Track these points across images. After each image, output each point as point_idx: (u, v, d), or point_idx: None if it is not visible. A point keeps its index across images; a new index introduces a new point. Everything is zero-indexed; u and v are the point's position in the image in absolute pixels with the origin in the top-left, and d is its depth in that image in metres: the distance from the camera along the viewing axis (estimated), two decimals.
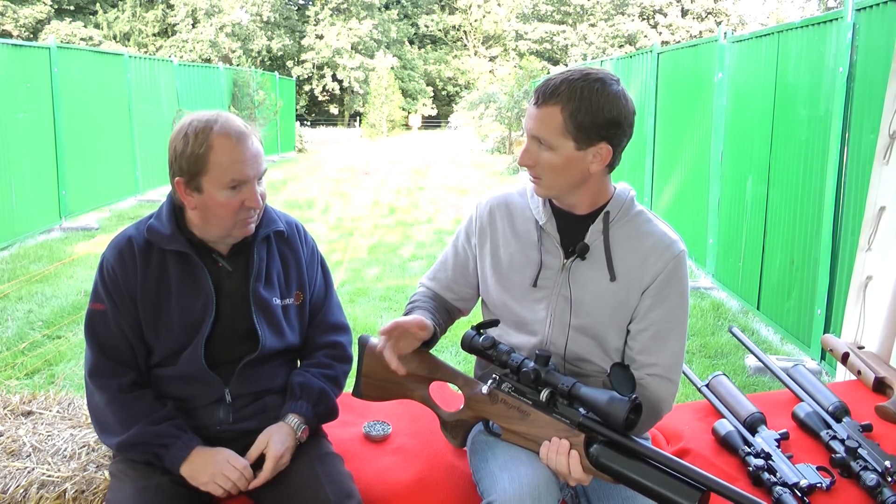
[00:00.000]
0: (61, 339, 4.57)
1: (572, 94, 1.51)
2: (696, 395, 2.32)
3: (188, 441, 1.61)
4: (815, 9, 31.26)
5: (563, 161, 1.55)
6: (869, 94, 3.84)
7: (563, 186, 1.61)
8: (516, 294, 1.70)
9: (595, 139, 1.54)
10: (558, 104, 1.52)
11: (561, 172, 1.57)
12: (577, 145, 1.54)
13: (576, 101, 1.51)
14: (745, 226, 5.45)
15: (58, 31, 30.74)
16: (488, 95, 19.87)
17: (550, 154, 1.56)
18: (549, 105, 1.53)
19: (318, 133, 29.07)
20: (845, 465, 1.82)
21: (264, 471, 1.61)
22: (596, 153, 1.56)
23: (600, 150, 1.55)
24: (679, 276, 1.63)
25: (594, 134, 1.53)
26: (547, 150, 1.56)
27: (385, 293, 5.89)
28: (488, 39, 40.39)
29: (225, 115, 1.65)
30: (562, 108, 1.52)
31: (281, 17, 35.33)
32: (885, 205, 2.60)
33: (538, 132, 1.55)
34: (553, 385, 1.50)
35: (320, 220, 9.35)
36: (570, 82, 1.52)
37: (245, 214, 1.65)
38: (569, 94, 1.51)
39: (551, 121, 1.53)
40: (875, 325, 2.55)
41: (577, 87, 1.51)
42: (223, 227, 1.66)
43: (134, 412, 1.62)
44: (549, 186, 1.61)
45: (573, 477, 1.45)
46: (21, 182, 7.58)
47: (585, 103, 1.51)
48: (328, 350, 1.83)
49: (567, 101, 1.51)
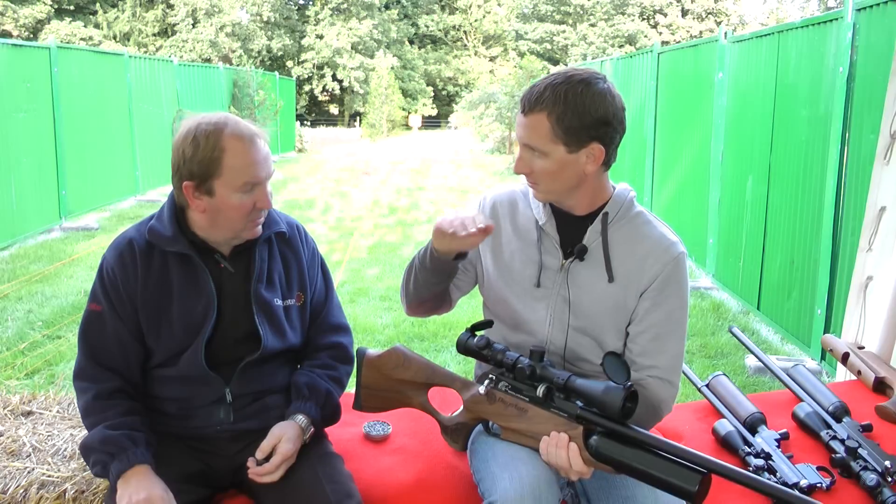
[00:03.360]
0: (61, 339, 4.56)
1: (556, 99, 1.51)
2: (696, 395, 2.32)
3: (134, 456, 1.54)
4: (816, 9, 31.27)
5: (556, 166, 1.56)
6: (869, 94, 3.84)
7: (560, 190, 1.61)
8: (517, 292, 1.70)
9: (585, 140, 1.54)
10: (544, 110, 1.52)
11: (556, 177, 1.58)
12: (568, 149, 1.54)
13: (561, 105, 1.51)
14: (746, 226, 5.45)
15: (58, 31, 30.74)
16: (488, 95, 19.87)
17: (543, 161, 1.56)
18: (536, 112, 1.53)
19: (318, 133, 29.06)
20: (845, 465, 1.82)
21: (270, 464, 1.60)
22: (588, 154, 1.56)
23: (592, 150, 1.55)
24: (678, 278, 1.63)
25: (584, 135, 1.53)
26: (540, 158, 1.56)
27: (385, 293, 5.89)
28: (488, 39, 40.38)
29: (233, 118, 1.64)
30: (548, 114, 1.52)
31: (281, 16, 35.33)
32: (886, 205, 2.60)
33: (528, 140, 1.56)
34: (549, 380, 1.51)
35: (320, 220, 9.35)
36: (553, 87, 1.52)
37: (256, 216, 1.66)
38: (553, 99, 1.51)
39: (539, 128, 1.54)
40: (875, 326, 2.55)
41: (560, 91, 1.51)
42: (233, 229, 1.65)
43: (103, 418, 1.60)
44: (548, 191, 1.62)
45: (574, 470, 1.44)
46: (21, 182, 7.58)
47: (571, 106, 1.51)
48: (331, 351, 1.83)
49: (553, 107, 1.51)
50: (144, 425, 1.62)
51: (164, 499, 1.51)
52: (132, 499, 1.49)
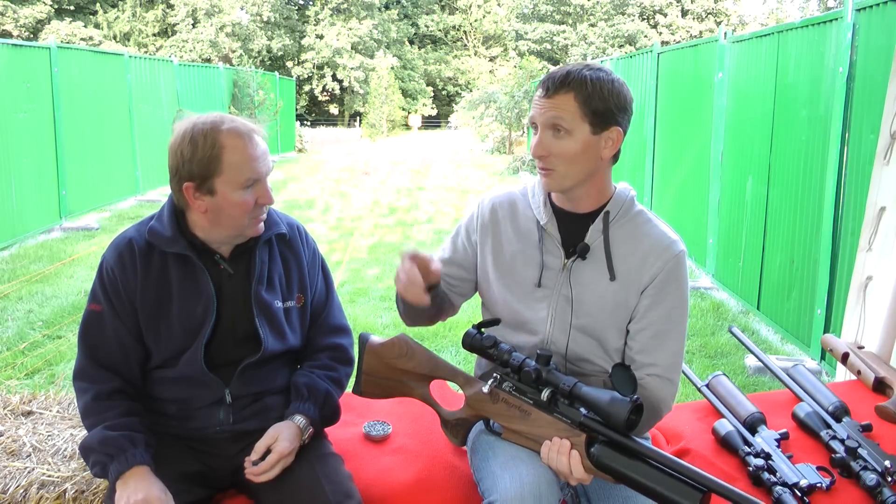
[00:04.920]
0: (61, 339, 4.57)
1: (583, 82, 1.55)
2: (696, 395, 2.32)
3: (133, 457, 1.54)
4: (816, 9, 31.26)
5: (579, 147, 1.57)
6: (869, 94, 3.84)
7: (576, 175, 1.61)
8: (518, 293, 1.70)
9: (609, 123, 1.57)
10: (571, 91, 1.55)
11: (576, 160, 1.58)
12: (593, 129, 1.57)
13: (588, 88, 1.55)
14: (745, 226, 5.45)
15: (58, 31, 30.75)
16: (488, 95, 19.88)
17: (567, 141, 1.57)
18: (563, 93, 1.56)
19: (318, 133, 29.04)
20: (845, 465, 1.82)
21: (267, 462, 1.60)
22: (608, 138, 1.58)
23: (612, 134, 1.58)
24: (678, 277, 1.63)
25: (609, 118, 1.57)
26: (563, 138, 1.57)
27: (385, 293, 5.88)
28: (488, 39, 40.40)
29: (228, 116, 1.64)
30: (575, 95, 1.55)
31: (281, 17, 35.34)
32: (886, 205, 2.60)
33: (555, 118, 1.56)
34: (554, 385, 1.51)
35: (320, 220, 9.35)
36: (578, 72, 1.57)
37: (258, 212, 1.66)
38: (579, 81, 1.55)
39: (567, 107, 1.56)
40: (875, 325, 2.55)
41: (584, 75, 1.56)
42: (236, 227, 1.65)
43: (102, 418, 1.60)
44: (564, 176, 1.61)
45: (574, 477, 1.45)
46: (21, 182, 7.58)
47: (597, 88, 1.55)
48: (330, 352, 1.82)
49: (580, 88, 1.55)
50: (144, 426, 1.62)
51: (162, 499, 1.51)
52: (130, 499, 1.49)
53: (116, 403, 1.62)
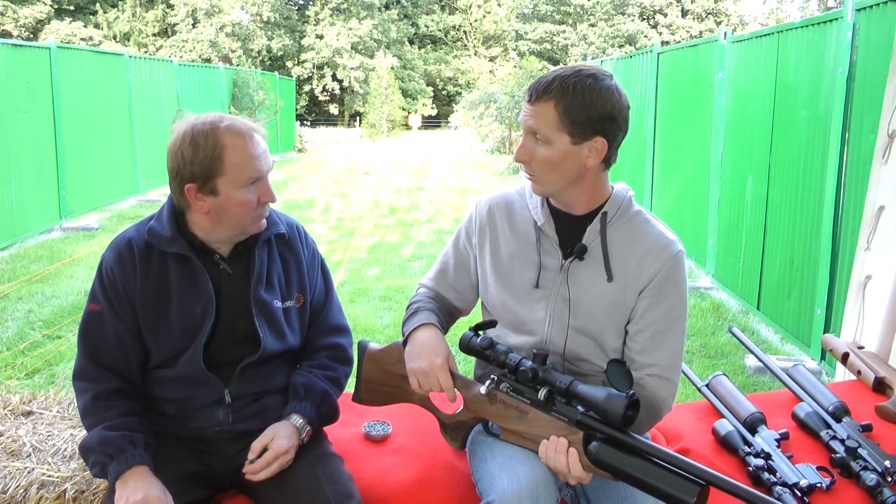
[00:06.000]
0: (61, 339, 4.57)
1: (565, 90, 1.53)
2: (696, 395, 2.32)
3: (132, 457, 1.54)
4: (816, 9, 31.27)
5: (558, 155, 1.56)
6: (869, 94, 3.84)
7: (559, 182, 1.61)
8: (517, 294, 1.70)
9: (590, 133, 1.55)
10: (552, 100, 1.54)
11: (556, 167, 1.58)
12: (572, 139, 1.55)
13: (569, 97, 1.53)
14: (745, 226, 5.45)
15: (58, 31, 30.74)
16: (488, 95, 19.85)
17: (546, 149, 1.57)
18: (543, 101, 1.55)
19: (318, 133, 29.03)
20: (845, 465, 1.82)
21: (263, 459, 1.60)
22: (591, 147, 1.57)
23: (595, 144, 1.56)
24: (676, 277, 1.63)
25: (589, 128, 1.55)
26: (543, 146, 1.57)
27: (385, 293, 5.89)
28: (488, 39, 40.39)
29: (227, 116, 1.64)
30: (555, 104, 1.54)
31: (281, 17, 35.34)
32: (884, 204, 2.60)
33: (534, 127, 1.57)
34: (551, 383, 1.51)
35: (320, 220, 9.35)
36: (562, 79, 1.55)
37: (261, 210, 1.66)
38: (561, 89, 1.53)
39: (546, 115, 1.55)
40: (875, 325, 2.55)
41: (569, 82, 1.54)
42: (239, 225, 1.65)
43: (102, 418, 1.60)
44: (546, 183, 1.61)
45: (573, 475, 1.44)
46: (21, 182, 7.58)
47: (578, 98, 1.53)
48: (329, 352, 1.82)
49: (561, 97, 1.53)
50: (143, 426, 1.62)
51: (162, 499, 1.51)
52: (129, 500, 1.49)
53: (116, 403, 1.62)
